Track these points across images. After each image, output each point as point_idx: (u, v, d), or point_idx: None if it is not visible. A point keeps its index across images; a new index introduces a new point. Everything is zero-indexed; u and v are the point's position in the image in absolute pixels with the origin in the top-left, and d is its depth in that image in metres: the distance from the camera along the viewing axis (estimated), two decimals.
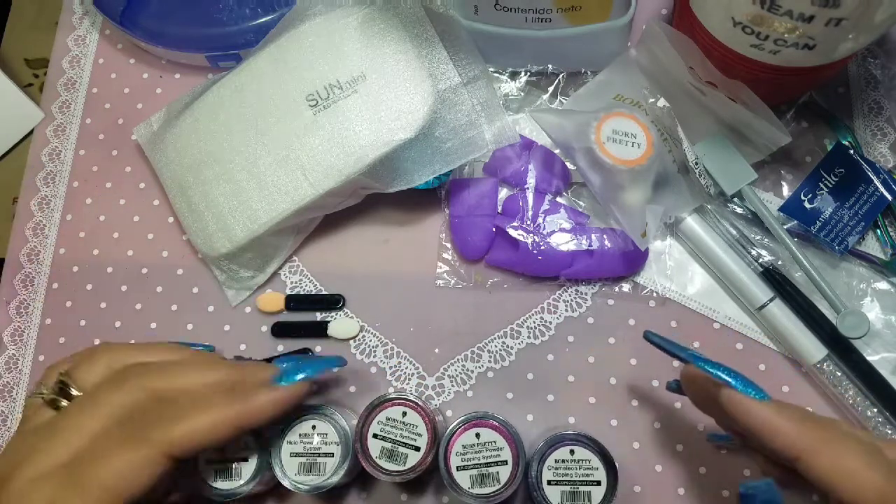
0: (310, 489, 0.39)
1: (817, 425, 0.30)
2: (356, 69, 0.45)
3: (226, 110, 0.46)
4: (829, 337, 0.43)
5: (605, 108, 0.44)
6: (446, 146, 0.45)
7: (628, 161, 0.43)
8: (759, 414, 0.30)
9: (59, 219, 0.52)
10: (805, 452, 0.29)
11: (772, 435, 0.30)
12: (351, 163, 0.44)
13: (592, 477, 0.38)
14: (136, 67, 0.55)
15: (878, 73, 0.50)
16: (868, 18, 0.36)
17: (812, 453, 0.29)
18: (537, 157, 0.48)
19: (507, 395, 0.45)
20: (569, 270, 0.46)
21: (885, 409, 0.42)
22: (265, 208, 0.45)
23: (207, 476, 0.39)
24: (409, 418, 0.39)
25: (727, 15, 0.39)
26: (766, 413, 0.30)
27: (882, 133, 0.48)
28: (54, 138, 0.54)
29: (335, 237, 0.49)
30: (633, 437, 0.44)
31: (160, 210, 0.51)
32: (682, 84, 0.46)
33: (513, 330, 0.47)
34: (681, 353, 0.34)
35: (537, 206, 0.46)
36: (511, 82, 0.50)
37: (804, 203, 0.45)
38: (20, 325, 0.50)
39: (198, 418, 0.32)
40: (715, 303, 0.46)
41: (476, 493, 0.38)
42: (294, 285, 0.49)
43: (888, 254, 0.45)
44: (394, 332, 0.47)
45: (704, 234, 0.45)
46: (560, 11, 0.44)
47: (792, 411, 0.31)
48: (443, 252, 0.48)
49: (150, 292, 0.49)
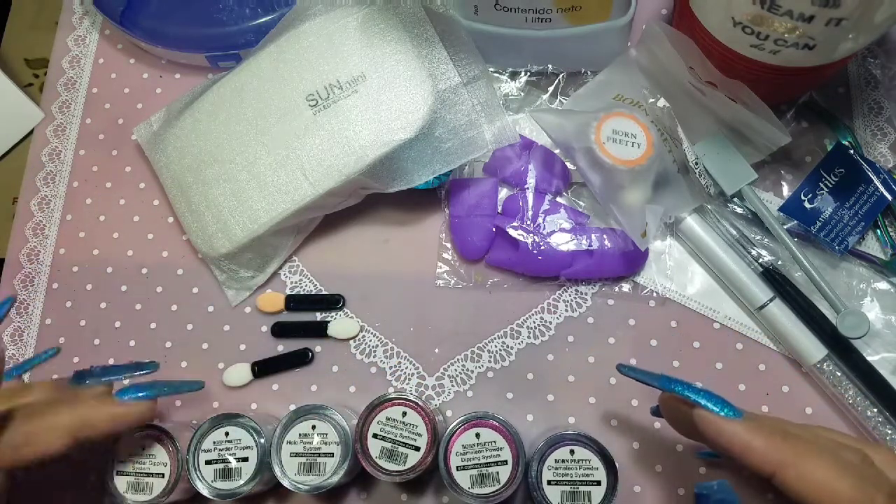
0: (310, 489, 0.39)
1: (788, 440, 0.30)
2: (356, 69, 0.45)
3: (226, 110, 0.46)
4: (829, 337, 0.43)
5: (605, 108, 0.44)
6: (446, 146, 0.45)
7: (628, 161, 0.43)
8: (731, 433, 0.31)
9: (59, 219, 0.52)
10: (777, 468, 0.30)
11: (744, 453, 0.30)
12: (351, 163, 0.44)
13: (592, 477, 0.38)
14: (136, 67, 0.55)
15: (878, 73, 0.50)
16: (868, 18, 0.36)
17: (784, 468, 0.29)
18: (537, 157, 0.48)
19: (507, 395, 0.45)
20: (569, 270, 0.46)
21: (885, 409, 0.42)
22: (265, 208, 0.45)
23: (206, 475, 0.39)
24: (409, 418, 0.39)
25: (727, 15, 0.39)
26: (738, 431, 0.30)
27: (882, 133, 0.48)
28: (54, 138, 0.54)
29: (335, 237, 0.49)
30: (633, 437, 0.44)
31: (160, 210, 0.51)
32: (682, 84, 0.46)
33: (513, 330, 0.47)
34: (652, 381, 0.34)
35: (537, 206, 0.46)
36: (511, 82, 0.50)
37: (804, 203, 0.45)
38: (20, 325, 0.50)
39: (28, 426, 0.34)
40: (715, 303, 0.46)
41: (476, 493, 0.38)
42: (294, 285, 0.49)
43: (888, 254, 0.45)
44: (394, 332, 0.47)
45: (704, 234, 0.45)
46: (560, 11, 0.44)
47: (763, 427, 0.31)
48: (443, 252, 0.48)
49: (150, 292, 0.49)
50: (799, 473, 0.29)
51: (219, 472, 0.39)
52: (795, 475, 0.29)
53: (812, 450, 0.30)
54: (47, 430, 0.34)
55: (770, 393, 0.44)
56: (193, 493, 0.42)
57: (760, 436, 0.30)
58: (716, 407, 0.31)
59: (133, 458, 0.40)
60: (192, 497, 0.43)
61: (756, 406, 0.44)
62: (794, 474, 0.29)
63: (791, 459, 0.30)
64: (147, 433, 0.40)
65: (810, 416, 0.44)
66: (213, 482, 0.39)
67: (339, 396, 0.46)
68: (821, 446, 0.31)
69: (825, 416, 0.44)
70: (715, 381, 0.44)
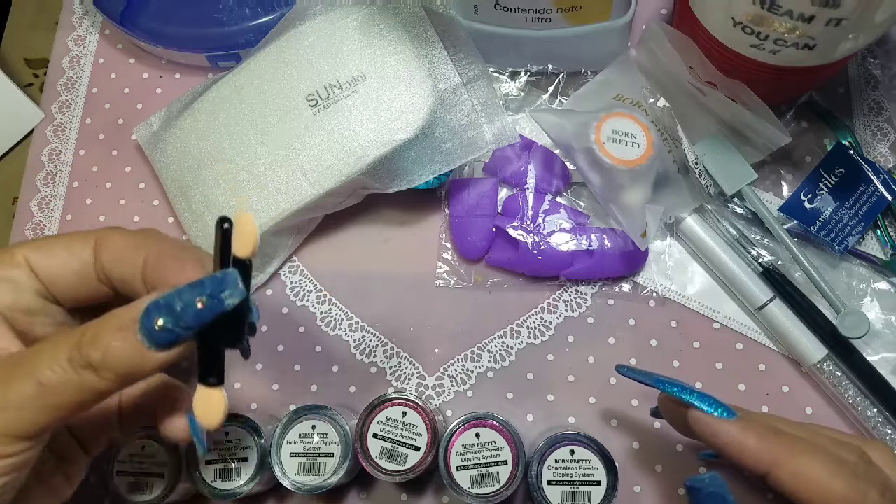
0: (310, 489, 0.39)
1: (782, 438, 0.30)
2: (356, 69, 0.45)
3: (226, 110, 0.46)
4: (829, 337, 0.43)
5: (605, 108, 0.44)
6: (446, 146, 0.45)
7: (628, 161, 0.43)
8: (725, 433, 0.31)
9: (59, 219, 0.52)
10: (771, 467, 0.30)
11: (738, 453, 0.31)
12: (351, 163, 0.44)
13: (592, 477, 0.38)
14: (136, 67, 0.55)
15: (878, 73, 0.50)
16: (868, 18, 0.36)
17: (777, 467, 0.30)
18: (537, 157, 0.48)
19: (507, 395, 0.45)
20: (569, 270, 0.46)
21: (885, 409, 0.42)
22: (265, 208, 0.45)
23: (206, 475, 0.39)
24: (409, 418, 0.39)
25: (727, 15, 0.39)
26: (731, 432, 0.31)
27: (882, 133, 0.48)
28: (54, 138, 0.54)
29: (335, 237, 0.49)
30: (633, 437, 0.44)
31: (160, 210, 0.51)
32: (682, 84, 0.46)
33: (513, 330, 0.47)
34: (648, 381, 0.34)
35: (537, 206, 0.46)
36: (511, 82, 0.50)
37: (804, 203, 0.45)
38: None
39: None
40: (715, 303, 0.46)
41: (476, 493, 0.38)
42: (294, 285, 0.49)
43: (888, 254, 0.45)
44: (394, 332, 0.47)
45: (704, 234, 0.45)
46: (560, 11, 0.44)
47: (757, 427, 0.31)
48: (443, 252, 0.48)
49: None
50: (792, 471, 0.29)
51: (218, 473, 0.39)
52: (788, 473, 0.29)
53: (806, 448, 0.30)
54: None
55: (770, 393, 0.44)
56: (194, 494, 0.42)
57: (754, 435, 0.30)
58: (709, 408, 0.32)
59: (133, 458, 0.40)
60: (193, 498, 0.43)
61: (756, 406, 0.44)
62: (787, 472, 0.29)
63: (784, 458, 0.30)
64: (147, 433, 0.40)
65: (810, 416, 0.44)
66: (213, 482, 0.39)
67: (339, 396, 0.46)
68: (815, 444, 0.31)
69: (825, 416, 0.44)
70: (715, 381, 0.44)
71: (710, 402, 0.32)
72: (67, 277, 0.31)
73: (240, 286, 0.26)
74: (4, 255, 0.30)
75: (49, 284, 0.31)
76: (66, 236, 0.31)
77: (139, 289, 0.30)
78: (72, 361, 0.26)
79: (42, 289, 0.31)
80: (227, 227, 0.27)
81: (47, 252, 0.31)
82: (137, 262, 0.30)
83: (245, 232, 0.26)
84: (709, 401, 0.32)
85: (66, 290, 0.31)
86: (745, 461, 0.30)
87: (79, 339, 0.26)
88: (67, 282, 0.31)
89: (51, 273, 0.31)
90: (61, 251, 0.31)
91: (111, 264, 0.30)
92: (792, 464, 0.30)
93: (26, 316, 0.30)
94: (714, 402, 0.32)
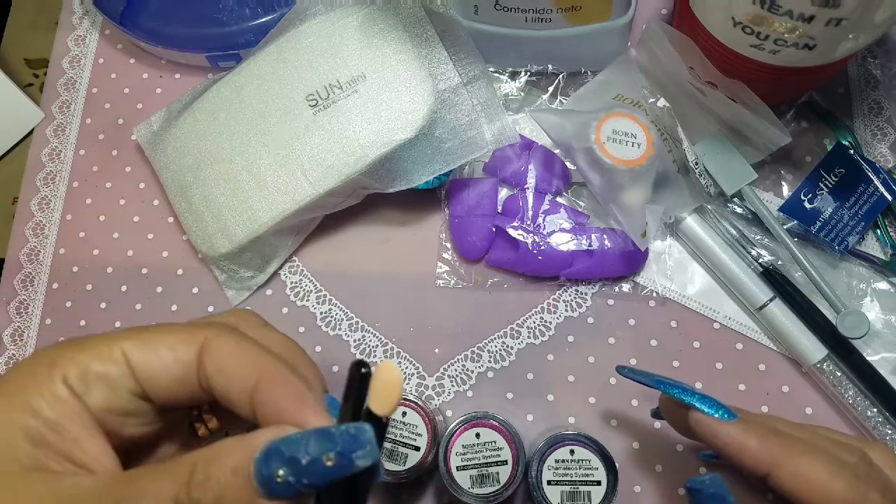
0: None
1: (783, 440, 0.30)
2: (356, 69, 0.45)
3: (226, 110, 0.46)
4: (829, 337, 0.43)
5: (605, 108, 0.44)
6: (446, 146, 0.45)
7: (628, 161, 0.43)
8: (725, 434, 0.31)
9: (59, 219, 0.52)
10: (771, 468, 0.30)
11: (738, 454, 0.31)
12: (351, 163, 0.44)
13: (592, 477, 0.38)
14: (136, 67, 0.55)
15: (878, 73, 0.50)
16: (868, 18, 0.36)
17: (778, 468, 0.30)
18: (537, 157, 0.48)
19: (507, 395, 0.45)
20: (569, 270, 0.46)
21: (885, 409, 0.42)
22: (265, 208, 0.45)
23: None
24: (409, 418, 0.39)
25: (727, 15, 0.39)
26: (732, 433, 0.31)
27: (882, 133, 0.48)
28: (54, 138, 0.54)
29: (335, 237, 0.49)
30: (633, 437, 0.44)
31: (160, 210, 0.51)
32: (682, 84, 0.46)
33: (513, 330, 0.47)
34: (649, 381, 0.34)
35: (537, 206, 0.46)
36: (511, 82, 0.50)
37: (804, 203, 0.45)
38: (20, 326, 0.50)
39: None
40: (715, 303, 0.46)
41: (476, 493, 0.38)
42: (294, 285, 0.49)
43: (888, 254, 0.45)
44: (394, 332, 0.47)
45: (704, 234, 0.45)
46: (560, 11, 0.44)
47: (758, 428, 0.31)
48: (443, 252, 0.48)
49: (150, 292, 0.49)
50: (792, 472, 0.29)
51: None
52: (789, 474, 0.29)
53: (806, 449, 0.30)
54: None
55: (770, 393, 0.44)
56: None
57: (754, 436, 0.30)
58: (710, 409, 0.32)
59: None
60: None
61: (756, 406, 0.44)
62: (787, 473, 0.29)
63: (785, 459, 0.30)
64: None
65: (810, 416, 0.44)
66: None
67: (339, 397, 0.46)
68: (816, 445, 0.31)
69: (825, 416, 0.44)
70: (715, 381, 0.44)
71: (710, 403, 0.32)
72: (167, 381, 0.28)
73: (373, 448, 0.22)
74: (103, 348, 0.27)
75: (146, 386, 0.28)
76: (170, 333, 0.28)
77: (243, 409, 0.27)
78: (178, 503, 0.23)
79: (138, 389, 0.28)
80: (364, 372, 0.24)
81: (150, 351, 0.28)
82: (247, 382, 0.26)
83: (388, 382, 0.23)
84: (709, 402, 0.32)
85: (162, 393, 0.28)
86: (745, 462, 0.30)
87: (188, 478, 0.23)
88: (166, 386, 0.28)
89: (150, 375, 0.27)
90: (165, 351, 0.28)
91: (216, 376, 0.27)
92: (792, 465, 0.29)
93: (118, 417, 0.28)
94: (715, 404, 0.32)
